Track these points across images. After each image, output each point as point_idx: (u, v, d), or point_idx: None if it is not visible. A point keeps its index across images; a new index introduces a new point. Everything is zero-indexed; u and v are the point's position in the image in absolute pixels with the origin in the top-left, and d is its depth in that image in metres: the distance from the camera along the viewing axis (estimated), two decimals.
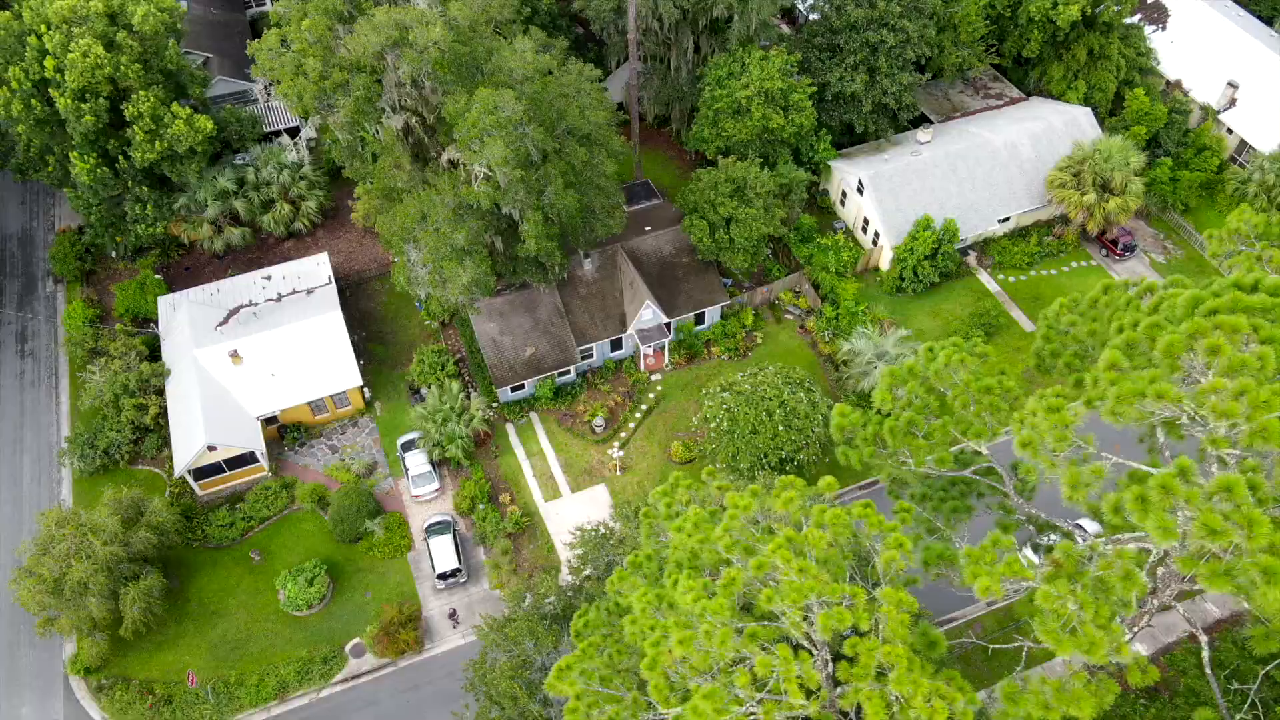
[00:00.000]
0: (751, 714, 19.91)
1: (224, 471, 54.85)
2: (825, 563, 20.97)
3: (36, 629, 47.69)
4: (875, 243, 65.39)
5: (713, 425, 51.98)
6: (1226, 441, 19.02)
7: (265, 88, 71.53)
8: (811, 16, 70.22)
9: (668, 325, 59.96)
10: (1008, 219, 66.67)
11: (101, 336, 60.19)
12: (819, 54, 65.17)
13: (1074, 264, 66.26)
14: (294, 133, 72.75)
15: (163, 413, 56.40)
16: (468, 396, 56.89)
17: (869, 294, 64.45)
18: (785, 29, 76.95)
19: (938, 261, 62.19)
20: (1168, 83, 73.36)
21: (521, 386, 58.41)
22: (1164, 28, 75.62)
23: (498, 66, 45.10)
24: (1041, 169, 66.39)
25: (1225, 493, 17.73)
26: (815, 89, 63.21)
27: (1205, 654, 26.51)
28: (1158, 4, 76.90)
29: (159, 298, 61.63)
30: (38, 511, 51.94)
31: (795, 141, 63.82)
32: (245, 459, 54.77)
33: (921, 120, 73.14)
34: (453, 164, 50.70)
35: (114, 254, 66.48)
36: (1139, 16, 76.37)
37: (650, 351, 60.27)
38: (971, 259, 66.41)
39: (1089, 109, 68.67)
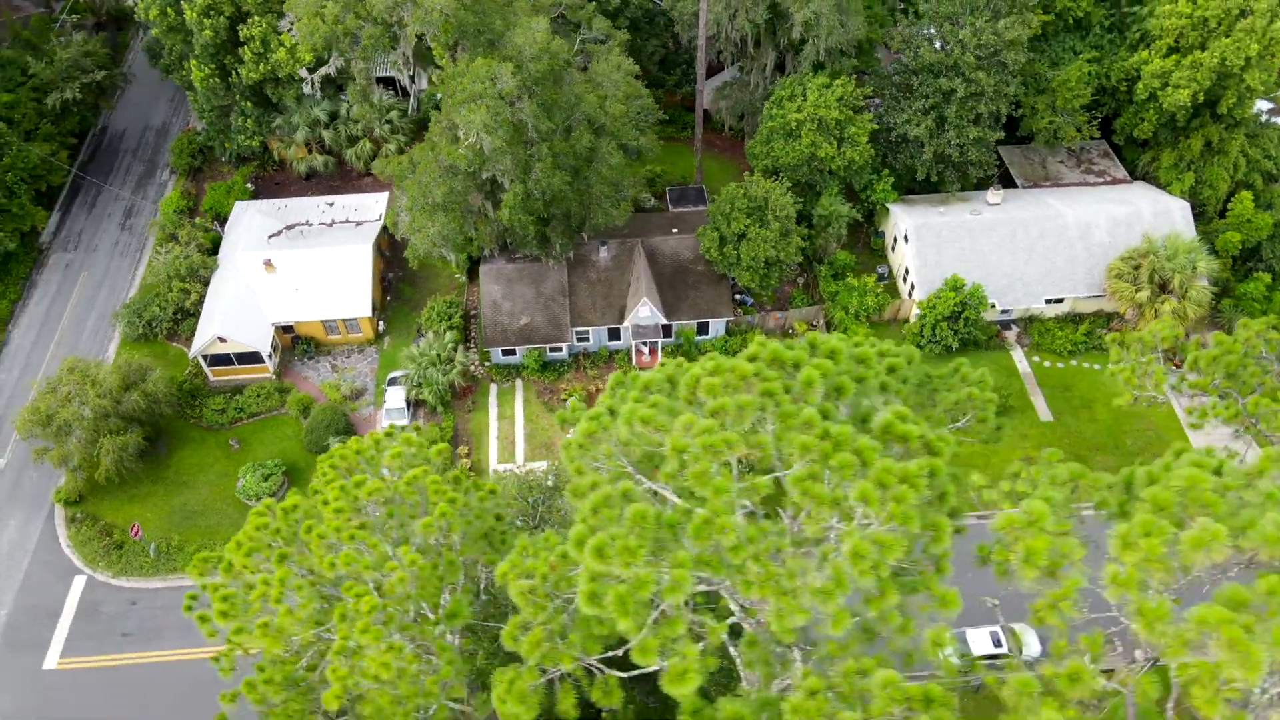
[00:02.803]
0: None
1: (233, 364, 60.55)
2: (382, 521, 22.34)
3: (32, 455, 54.83)
4: (911, 294, 63.13)
5: None
6: (671, 476, 18.44)
7: None
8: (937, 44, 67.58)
9: (667, 327, 60.63)
10: (1061, 300, 62.50)
11: (181, 225, 67.63)
12: (894, 92, 63.44)
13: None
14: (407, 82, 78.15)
15: (201, 300, 62.88)
16: (456, 349, 59.83)
17: None
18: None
19: (959, 326, 59.37)
20: None
21: (513, 352, 60.84)
22: None
23: (510, 41, 47.46)
24: (1111, 256, 61.75)
25: (640, 522, 17.34)
26: (876, 126, 61.63)
27: None
28: None
29: (237, 202, 68.51)
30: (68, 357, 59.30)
31: (846, 175, 62.53)
32: (253, 357, 60.23)
33: (1006, 179, 69.57)
34: None
35: (222, 158, 74.22)
36: None
37: (645, 348, 61.16)
38: (1012, 334, 62.84)
39: (1187, 203, 63.10)
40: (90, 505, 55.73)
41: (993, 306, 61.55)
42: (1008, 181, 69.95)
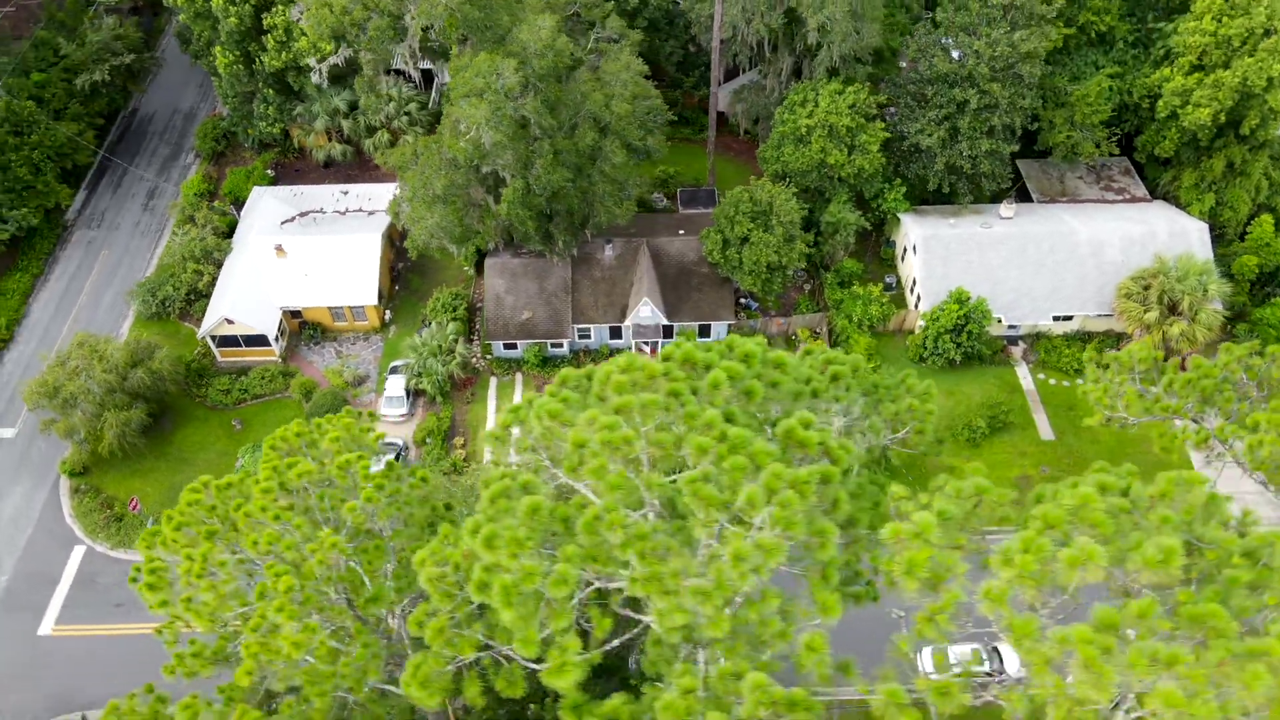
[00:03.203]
0: None
1: (240, 346, 61.60)
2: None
3: (40, 426, 56.23)
4: (917, 305, 62.62)
5: None
6: (571, 470, 18.47)
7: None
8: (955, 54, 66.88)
9: (669, 328, 60.69)
10: (1070, 318, 61.62)
11: (199, 208, 68.91)
12: (909, 101, 62.88)
13: None
14: (428, 76, 78.84)
15: (213, 282, 64.04)
16: (457, 341, 60.32)
17: (891, 355, 61.91)
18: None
19: (962, 339, 58.76)
20: None
21: (514, 346, 61.25)
22: None
23: (515, 37, 47.82)
24: (1124, 275, 60.72)
25: (532, 515, 17.44)
26: (888, 135, 61.15)
27: None
28: None
29: (255, 187, 69.68)
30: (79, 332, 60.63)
31: (855, 182, 62.10)
32: (260, 339, 61.22)
33: (1024, 193, 68.79)
34: None
35: (245, 144, 75.49)
36: None
37: (647, 348, 61.25)
38: (1018, 350, 62.07)
39: (1205, 225, 61.93)
40: (94, 477, 56.99)
41: (998, 321, 60.90)
42: (1026, 195, 69.12)
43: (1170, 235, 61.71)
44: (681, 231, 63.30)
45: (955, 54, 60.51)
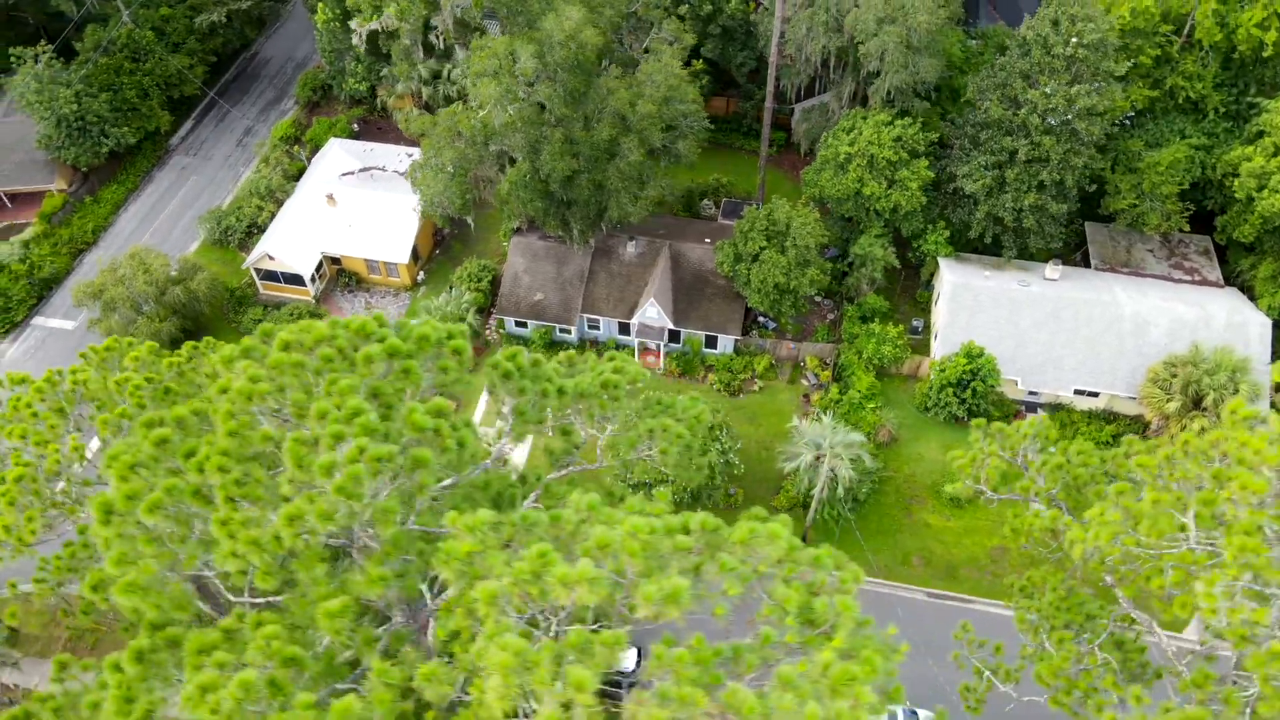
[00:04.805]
0: None
1: (280, 281, 65.68)
2: None
3: (88, 323, 61.77)
4: (936, 354, 60.35)
5: None
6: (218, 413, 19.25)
7: None
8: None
9: (676, 333, 60.83)
10: (1096, 395, 57.97)
11: (276, 149, 73.67)
12: (965, 143, 60.48)
13: None
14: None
15: (271, 218, 68.46)
16: (469, 310, 62.30)
17: (896, 399, 59.99)
18: None
19: (966, 395, 56.30)
20: None
21: (525, 325, 62.77)
22: None
23: (541, 24, 49.00)
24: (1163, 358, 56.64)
25: (157, 443, 18.36)
26: (931, 175, 59.02)
27: None
28: None
29: (332, 138, 73.85)
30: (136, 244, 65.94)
31: (891, 218, 60.29)
32: (297, 279, 65.09)
33: (1086, 258, 65.07)
34: None
35: (339, 97, 80.00)
36: None
37: (653, 346, 61.62)
38: (1036, 417, 58.86)
39: (1269, 321, 57.03)
40: None
41: (1015, 384, 58.00)
42: (1090, 260, 65.24)
43: (1227, 326, 57.11)
44: (708, 240, 63.18)
45: (1019, 99, 57.45)
